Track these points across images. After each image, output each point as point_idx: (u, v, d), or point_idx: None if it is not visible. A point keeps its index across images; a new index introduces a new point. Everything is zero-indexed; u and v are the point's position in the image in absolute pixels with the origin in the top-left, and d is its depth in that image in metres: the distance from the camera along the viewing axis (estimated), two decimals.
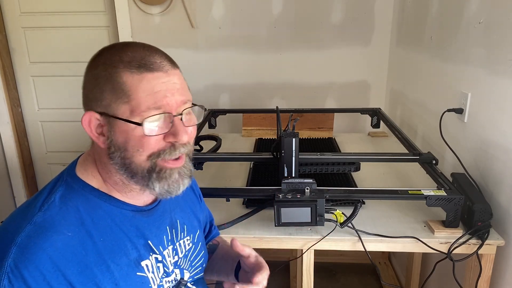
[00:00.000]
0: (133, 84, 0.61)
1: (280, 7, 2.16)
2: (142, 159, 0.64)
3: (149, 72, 0.62)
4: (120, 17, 2.20)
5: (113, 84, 0.61)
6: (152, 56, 0.64)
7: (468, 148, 1.29)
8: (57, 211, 0.63)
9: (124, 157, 0.64)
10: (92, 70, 0.64)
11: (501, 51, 1.10)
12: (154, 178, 0.66)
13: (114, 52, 0.64)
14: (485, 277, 1.05)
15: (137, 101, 0.61)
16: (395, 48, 2.12)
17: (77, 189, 0.66)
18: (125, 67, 0.62)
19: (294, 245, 1.09)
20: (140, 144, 0.63)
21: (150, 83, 0.62)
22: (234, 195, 1.22)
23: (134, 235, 0.69)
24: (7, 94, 2.36)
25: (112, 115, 0.62)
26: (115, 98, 0.62)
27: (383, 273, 2.10)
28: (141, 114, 0.61)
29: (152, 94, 0.62)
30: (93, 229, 0.64)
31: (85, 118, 0.64)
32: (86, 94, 0.65)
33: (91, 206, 0.65)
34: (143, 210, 0.72)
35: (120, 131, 0.63)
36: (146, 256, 0.70)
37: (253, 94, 2.31)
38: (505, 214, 1.08)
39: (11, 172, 2.49)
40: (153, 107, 0.62)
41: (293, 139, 1.16)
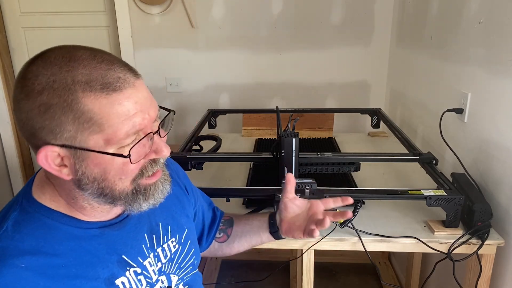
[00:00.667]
0: (103, 110, 0.53)
1: (280, 7, 2.16)
2: (125, 185, 0.60)
3: (117, 92, 0.54)
4: (120, 17, 2.20)
5: (75, 114, 0.52)
6: (112, 70, 0.54)
7: (468, 148, 1.28)
8: (9, 241, 0.56)
9: (103, 187, 0.58)
10: (34, 96, 0.52)
11: (501, 51, 1.10)
12: (141, 199, 0.62)
13: (58, 69, 0.53)
14: (485, 277, 1.05)
15: (113, 129, 0.54)
16: (395, 48, 2.12)
17: (32, 213, 0.59)
18: (85, 90, 0.52)
19: (294, 245, 1.09)
20: (122, 172, 0.58)
21: (122, 106, 0.54)
22: (234, 195, 1.21)
23: (104, 253, 0.63)
24: (7, 94, 2.36)
25: (80, 148, 0.54)
26: (81, 129, 0.53)
27: (383, 273, 2.10)
28: (119, 143, 0.55)
29: (128, 118, 0.55)
30: (53, 256, 0.58)
31: (41, 156, 0.54)
32: (32, 125, 0.54)
33: (49, 231, 0.59)
34: (112, 224, 0.66)
35: (95, 163, 0.56)
36: (121, 273, 0.65)
37: (253, 94, 2.31)
38: (505, 214, 1.08)
39: (11, 172, 2.49)
40: (131, 132, 0.56)
41: (293, 139, 1.16)
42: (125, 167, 0.58)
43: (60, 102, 0.52)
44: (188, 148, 1.43)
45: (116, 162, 0.57)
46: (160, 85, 2.29)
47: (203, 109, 1.99)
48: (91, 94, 0.52)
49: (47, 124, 0.53)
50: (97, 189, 0.58)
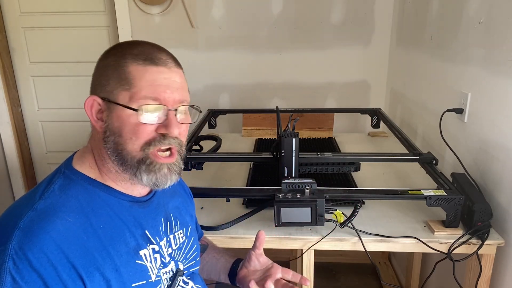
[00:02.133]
0: (137, 73, 0.66)
1: (280, 7, 2.16)
2: (134, 148, 0.67)
3: (154, 65, 0.67)
4: (120, 17, 2.20)
5: (119, 72, 0.66)
6: (159, 53, 0.69)
7: (468, 148, 1.28)
8: (57, 199, 0.64)
9: (117, 143, 0.67)
10: (103, 60, 0.69)
11: (501, 51, 1.10)
12: (143, 170, 0.68)
13: (126, 46, 0.70)
14: (485, 277, 1.05)
15: (137, 89, 0.66)
16: (395, 48, 2.12)
17: (75, 180, 0.68)
18: (132, 58, 0.67)
19: (294, 245, 1.09)
20: (133, 131, 0.66)
21: (152, 75, 0.67)
22: (234, 195, 1.22)
23: (132, 224, 0.70)
24: (7, 94, 2.36)
25: (112, 101, 0.66)
26: (118, 85, 0.66)
27: (383, 273, 2.10)
28: (138, 101, 0.66)
29: (152, 85, 0.66)
30: (93, 217, 0.65)
31: (88, 102, 0.68)
32: (93, 81, 0.70)
33: (90, 196, 0.67)
34: (139, 201, 0.74)
35: (117, 116, 0.66)
36: (143, 245, 0.71)
37: (253, 94, 2.31)
38: (505, 214, 1.08)
39: (11, 172, 2.49)
40: (150, 97, 0.66)
41: (293, 139, 1.16)
42: (137, 127, 0.66)
43: (114, 64, 0.67)
44: (188, 148, 1.43)
45: (131, 119, 0.66)
46: None
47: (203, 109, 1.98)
48: (134, 62, 0.67)
49: (100, 79, 0.68)
50: (114, 143, 0.67)
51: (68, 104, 2.43)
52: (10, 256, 0.57)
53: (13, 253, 0.57)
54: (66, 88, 2.41)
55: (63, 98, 2.43)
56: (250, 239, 1.08)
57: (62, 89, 2.41)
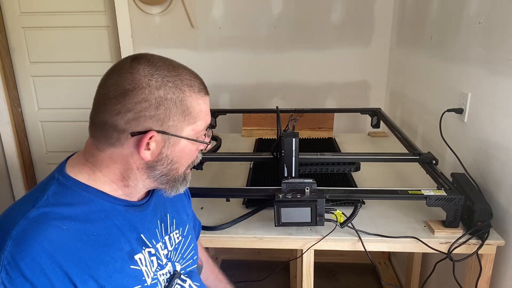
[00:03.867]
0: (198, 107, 0.69)
1: (280, 7, 2.16)
2: (183, 169, 0.74)
3: (205, 95, 0.72)
4: (120, 17, 2.20)
5: (183, 108, 0.67)
6: (199, 79, 0.72)
7: (468, 148, 1.29)
8: (51, 207, 0.63)
9: (172, 169, 0.71)
10: (151, 91, 0.65)
11: (501, 51, 1.10)
12: (183, 184, 0.76)
13: (168, 73, 0.67)
14: (485, 277, 1.05)
15: (200, 123, 0.70)
16: (395, 48, 2.12)
17: (69, 186, 0.67)
18: (190, 91, 0.68)
19: (294, 245, 1.09)
20: (190, 157, 0.74)
21: (205, 106, 0.71)
22: (234, 195, 1.22)
23: (127, 229, 0.71)
24: (7, 94, 2.36)
25: (177, 135, 0.68)
26: (182, 120, 0.68)
27: (383, 273, 2.10)
28: (200, 133, 0.71)
29: (207, 115, 0.72)
30: (87, 224, 0.65)
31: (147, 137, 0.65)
32: (141, 114, 0.65)
33: (84, 202, 0.67)
34: (135, 205, 0.74)
35: (180, 148, 0.70)
36: (139, 250, 0.72)
37: (253, 94, 2.31)
38: (505, 214, 1.08)
39: (11, 172, 2.49)
40: (205, 126, 0.73)
41: (293, 139, 1.16)
42: (193, 153, 0.74)
43: (174, 98, 0.66)
44: None
45: (192, 148, 0.72)
46: None
47: None
48: (193, 95, 0.69)
49: (159, 114, 0.65)
50: (168, 169, 0.71)
51: (68, 104, 2.43)
52: (2, 266, 0.57)
53: (6, 263, 0.57)
54: (66, 88, 2.41)
55: (63, 98, 2.43)
56: (250, 239, 1.09)
57: (62, 89, 2.41)
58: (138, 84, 0.64)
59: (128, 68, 0.65)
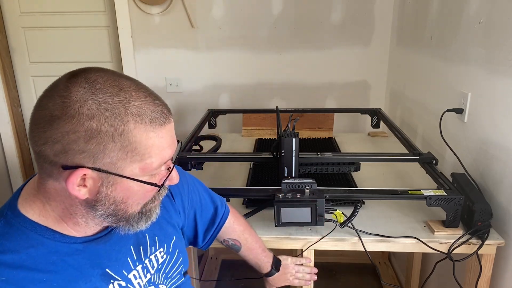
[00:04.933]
0: (148, 143, 0.57)
1: (280, 7, 2.16)
2: (137, 208, 0.63)
3: (161, 126, 0.58)
4: (120, 17, 2.20)
5: (124, 142, 0.55)
6: (158, 105, 0.58)
7: (468, 148, 1.28)
8: None
9: (118, 209, 0.61)
10: (81, 121, 0.53)
11: (501, 51, 1.10)
12: (144, 221, 0.65)
13: (110, 98, 0.54)
14: (485, 277, 1.05)
15: (151, 160, 0.58)
16: (395, 48, 2.12)
17: (16, 226, 0.59)
18: (136, 122, 0.55)
19: (294, 245, 1.09)
20: (143, 197, 0.62)
21: (161, 140, 0.58)
22: (234, 195, 1.21)
23: (88, 267, 0.64)
24: (7, 94, 2.36)
25: (116, 174, 0.56)
26: (124, 157, 0.56)
27: (383, 273, 2.10)
28: (152, 171, 0.60)
29: (163, 151, 0.59)
30: (35, 270, 0.58)
31: (75, 178, 0.55)
32: (70, 147, 0.54)
33: (32, 245, 0.59)
34: (97, 238, 0.66)
35: (123, 189, 0.59)
36: (104, 286, 0.65)
37: (253, 94, 2.31)
38: (505, 214, 1.08)
39: (11, 172, 2.49)
40: (162, 163, 0.61)
41: (293, 139, 1.16)
42: (147, 193, 0.62)
43: (110, 131, 0.54)
44: (188, 148, 1.43)
45: (142, 189, 0.60)
46: (160, 85, 2.29)
47: (203, 109, 1.99)
48: (141, 126, 0.55)
49: (90, 148, 0.54)
50: (112, 210, 0.60)
51: None
52: None
53: None
54: None
55: None
56: None
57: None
58: (66, 111, 0.53)
59: (62, 89, 0.54)
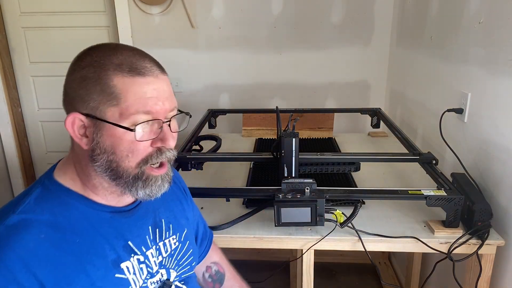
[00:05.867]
0: (124, 87, 0.61)
1: (280, 7, 2.16)
2: (130, 165, 0.65)
3: (140, 76, 0.63)
4: (120, 17, 2.20)
5: (102, 86, 0.61)
6: (142, 60, 0.64)
7: (468, 148, 1.28)
8: (31, 214, 0.62)
9: (111, 160, 0.64)
10: (79, 70, 0.63)
11: (501, 51, 1.10)
12: (139, 186, 0.67)
13: (102, 54, 0.63)
14: (485, 277, 1.05)
15: (127, 104, 0.61)
16: (395, 48, 2.12)
17: (53, 191, 0.66)
18: (115, 69, 0.62)
19: (294, 245, 1.09)
20: (129, 149, 0.64)
21: (141, 88, 0.62)
22: (234, 195, 1.22)
23: (113, 236, 0.68)
24: (7, 94, 2.36)
25: (99, 118, 0.62)
26: (104, 100, 0.61)
27: (383, 273, 2.10)
28: (130, 118, 0.62)
29: (143, 98, 0.62)
30: (68, 231, 0.63)
31: (69, 120, 0.64)
32: (70, 94, 0.65)
33: (67, 208, 0.65)
34: (122, 211, 0.71)
35: (108, 135, 0.62)
36: (126, 257, 0.69)
37: (253, 94, 2.31)
38: (505, 214, 1.08)
39: (11, 172, 2.49)
40: (142, 111, 0.62)
41: (293, 139, 1.16)
42: (133, 145, 0.64)
43: (94, 76, 0.61)
44: (188, 148, 1.43)
45: (125, 137, 0.63)
46: None
47: (203, 109, 1.99)
48: (119, 73, 0.62)
49: (80, 93, 0.63)
50: (106, 161, 0.64)
51: None
52: None
53: None
54: None
55: None
56: (250, 239, 1.09)
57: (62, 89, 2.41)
58: (73, 66, 0.65)
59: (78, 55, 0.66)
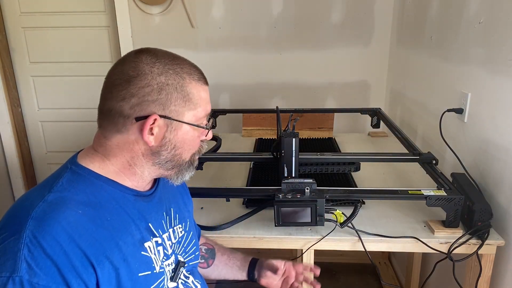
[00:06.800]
0: (198, 94, 0.73)
1: (280, 7, 2.16)
2: (188, 155, 0.77)
3: (204, 84, 0.75)
4: (120, 17, 2.20)
5: (183, 93, 0.71)
6: (200, 70, 0.76)
7: (468, 148, 1.29)
8: (66, 193, 0.67)
9: (176, 154, 0.74)
10: (153, 77, 0.69)
11: (501, 51, 1.10)
12: (189, 171, 0.79)
13: (170, 61, 0.71)
14: (485, 277, 1.05)
15: (200, 109, 0.74)
16: (395, 48, 2.12)
17: (82, 174, 0.70)
18: (190, 78, 0.72)
19: (294, 245, 1.09)
20: (194, 144, 0.76)
21: (205, 94, 0.75)
22: (234, 195, 1.22)
23: (137, 217, 0.73)
24: (7, 94, 2.36)
25: (178, 120, 0.71)
26: (183, 105, 0.71)
27: (383, 273, 2.10)
28: (201, 120, 0.75)
29: (207, 104, 0.76)
30: (100, 209, 0.68)
31: (150, 120, 0.69)
32: (142, 97, 0.69)
33: (97, 189, 0.70)
34: (143, 195, 0.77)
35: (182, 133, 0.73)
36: (148, 238, 0.74)
37: (253, 94, 2.31)
38: (505, 214, 1.08)
39: (11, 172, 2.49)
40: (206, 115, 0.76)
41: (293, 139, 1.16)
42: (196, 140, 0.76)
43: (174, 83, 0.70)
44: None
45: (195, 134, 0.75)
46: None
47: None
48: (193, 81, 0.72)
49: (161, 98, 0.69)
50: (172, 155, 0.74)
51: (68, 104, 2.43)
52: (25, 244, 0.59)
53: (28, 241, 0.59)
54: (66, 88, 2.41)
55: (63, 98, 2.42)
56: (250, 239, 1.09)
57: (62, 89, 2.41)
58: (141, 71, 0.69)
59: (132, 58, 0.70)
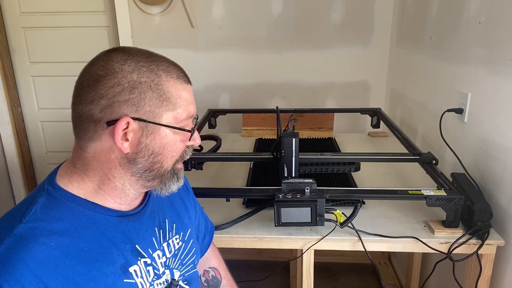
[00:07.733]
0: (177, 93, 0.66)
1: (280, 7, 2.16)
2: (170, 163, 0.69)
3: (186, 83, 0.68)
4: (120, 17, 2.20)
5: (159, 92, 0.64)
6: (180, 68, 0.69)
7: (468, 148, 1.29)
8: (39, 222, 0.61)
9: (155, 161, 0.67)
10: (124, 75, 0.62)
11: (501, 51, 1.10)
12: (174, 181, 0.71)
13: (144, 59, 0.64)
14: (485, 277, 1.05)
15: (181, 110, 0.66)
16: (395, 48, 2.12)
17: (59, 198, 0.64)
18: (167, 76, 0.65)
19: (294, 245, 1.09)
20: (175, 149, 0.68)
21: (187, 94, 0.68)
22: (234, 195, 1.22)
23: (121, 241, 0.68)
24: (7, 94, 2.36)
25: (154, 122, 0.64)
26: (159, 106, 0.64)
27: (383, 273, 2.10)
28: (182, 122, 0.67)
29: (189, 104, 0.68)
30: (76, 239, 0.62)
31: (122, 124, 0.62)
32: (111, 99, 0.62)
33: (74, 215, 0.64)
34: (129, 215, 0.71)
35: (160, 137, 0.65)
36: (133, 261, 0.69)
37: (253, 94, 2.31)
38: (505, 214, 1.08)
39: (11, 172, 2.49)
40: (188, 116, 0.68)
41: (293, 139, 1.16)
42: (178, 145, 0.68)
43: (148, 81, 0.63)
44: None
45: (176, 139, 0.67)
46: None
47: (203, 109, 1.99)
48: (170, 79, 0.65)
49: (133, 98, 0.62)
50: (150, 163, 0.66)
51: (68, 104, 2.37)
52: None
53: None
54: (66, 88, 2.38)
55: (63, 98, 2.42)
56: (250, 239, 1.09)
57: (62, 89, 2.41)
58: (110, 70, 0.62)
59: (102, 57, 0.65)
